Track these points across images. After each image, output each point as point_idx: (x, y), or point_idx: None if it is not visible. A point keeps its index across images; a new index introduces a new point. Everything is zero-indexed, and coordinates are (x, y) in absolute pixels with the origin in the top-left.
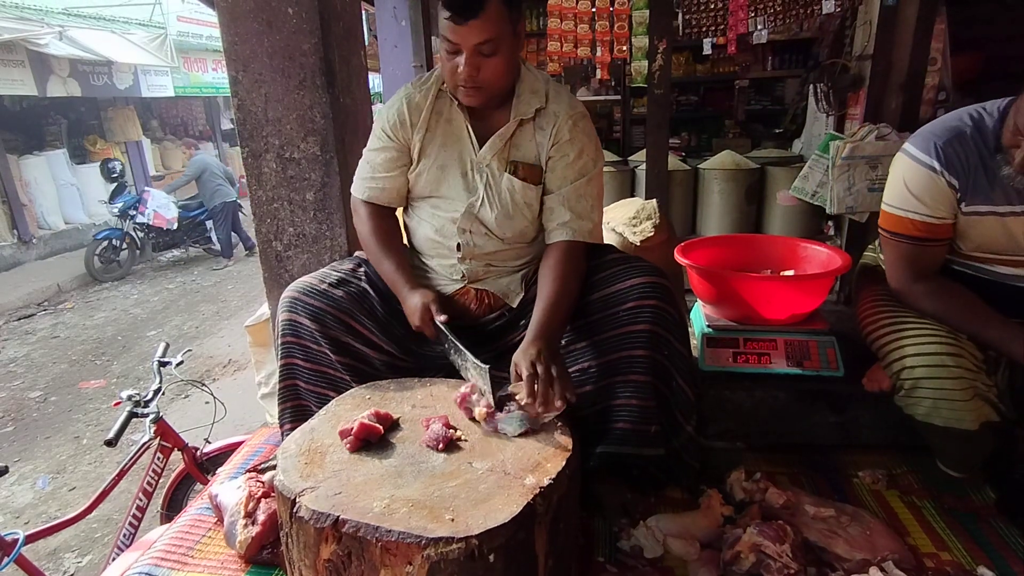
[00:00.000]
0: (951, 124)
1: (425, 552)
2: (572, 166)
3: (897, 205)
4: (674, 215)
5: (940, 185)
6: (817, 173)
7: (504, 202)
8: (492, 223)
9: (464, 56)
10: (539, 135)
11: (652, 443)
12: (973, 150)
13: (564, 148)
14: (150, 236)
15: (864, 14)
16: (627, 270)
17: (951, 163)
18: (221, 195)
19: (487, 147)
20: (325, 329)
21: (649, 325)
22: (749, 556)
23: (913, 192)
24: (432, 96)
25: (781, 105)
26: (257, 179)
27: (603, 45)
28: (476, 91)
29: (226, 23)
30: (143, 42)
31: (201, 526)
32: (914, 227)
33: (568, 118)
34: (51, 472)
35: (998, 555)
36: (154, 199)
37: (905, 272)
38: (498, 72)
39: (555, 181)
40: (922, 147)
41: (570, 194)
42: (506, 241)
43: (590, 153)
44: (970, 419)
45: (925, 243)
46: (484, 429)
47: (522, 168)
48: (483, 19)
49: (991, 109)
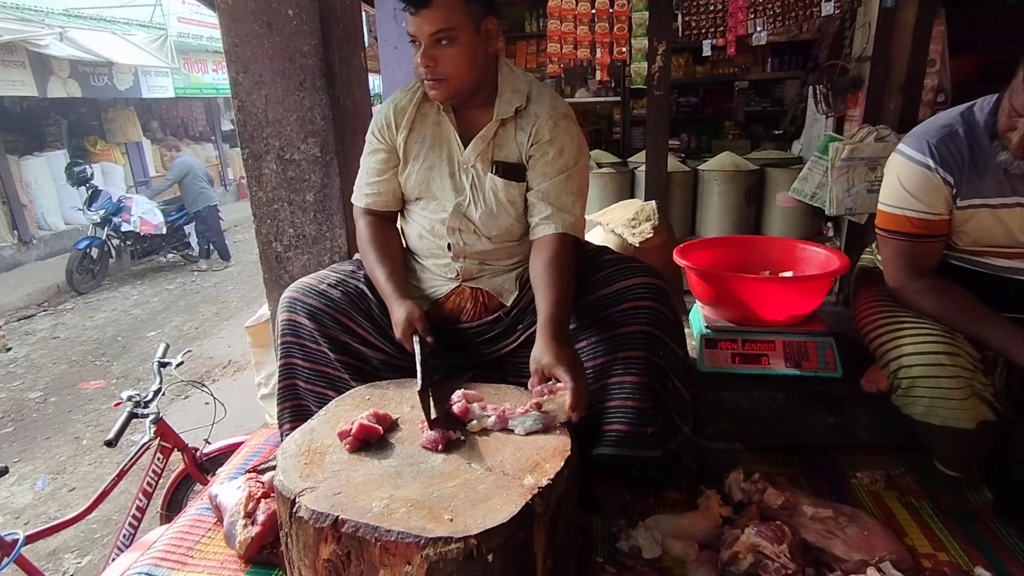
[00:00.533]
0: (943, 123)
1: (424, 552)
2: (552, 163)
3: (894, 204)
4: (674, 216)
5: (935, 182)
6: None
7: (488, 201)
8: (478, 222)
9: (421, 47)
10: (519, 135)
11: (649, 445)
12: (965, 146)
13: (544, 147)
14: (128, 244)
15: (863, 16)
16: (622, 271)
17: (945, 160)
18: (204, 199)
19: (471, 147)
20: (324, 328)
21: (645, 326)
22: (747, 556)
23: (909, 190)
24: (417, 98)
25: (780, 106)
26: (257, 180)
27: (603, 47)
28: (439, 83)
29: (227, 25)
30: (143, 43)
31: (201, 526)
32: (911, 224)
33: (548, 118)
34: (51, 473)
35: (995, 556)
36: (138, 205)
37: (902, 270)
38: (458, 64)
39: (535, 179)
40: (916, 146)
41: (550, 189)
42: (493, 240)
43: (571, 151)
44: (967, 418)
45: (922, 240)
46: (491, 425)
47: (505, 167)
48: (435, 8)
49: (982, 104)
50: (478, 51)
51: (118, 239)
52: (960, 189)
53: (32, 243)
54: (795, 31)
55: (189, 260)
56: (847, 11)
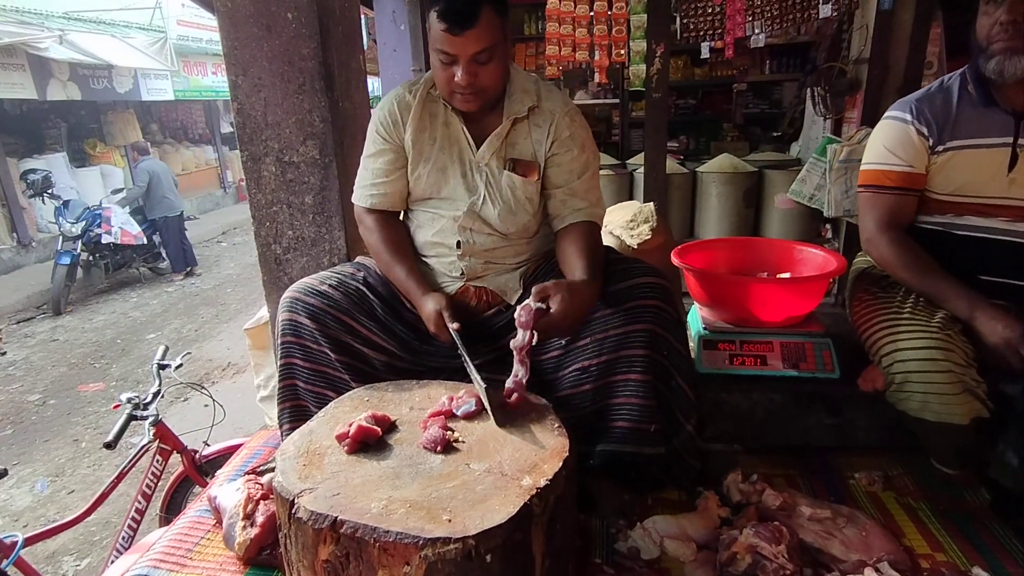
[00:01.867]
0: (922, 89)
1: (422, 552)
2: (577, 160)
3: (873, 160)
4: (672, 218)
5: (910, 134)
6: (814, 176)
7: (506, 198)
8: (495, 220)
9: (461, 65)
10: (535, 132)
11: (652, 442)
12: (941, 99)
13: (567, 144)
14: (102, 257)
15: (861, 18)
16: (627, 271)
17: (921, 113)
18: (165, 207)
19: (485, 147)
20: (325, 328)
21: (649, 324)
22: (745, 557)
23: (887, 145)
24: (422, 97)
25: (779, 108)
26: (256, 183)
27: (601, 49)
28: (473, 96)
29: (226, 28)
30: (143, 46)
31: (200, 528)
32: (887, 178)
33: (564, 115)
34: (50, 475)
35: (993, 556)
36: (116, 215)
37: (875, 222)
38: (494, 77)
39: (562, 176)
40: (896, 107)
41: (579, 187)
42: (509, 237)
43: (590, 147)
44: (960, 414)
45: (896, 192)
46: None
47: (520, 165)
48: (479, 29)
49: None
50: (506, 60)
51: (92, 253)
52: (940, 137)
53: (31, 246)
54: (793, 33)
55: (158, 273)
56: (845, 13)
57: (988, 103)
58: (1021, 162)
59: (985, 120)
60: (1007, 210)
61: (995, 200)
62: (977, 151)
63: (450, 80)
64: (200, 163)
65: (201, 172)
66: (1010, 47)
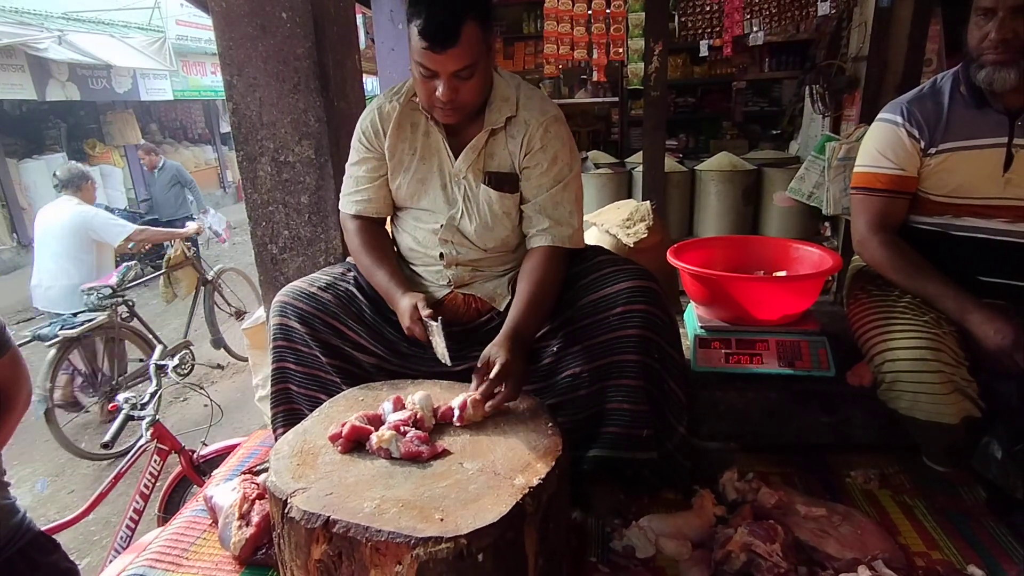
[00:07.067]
0: (914, 90)
1: (414, 552)
2: (547, 174)
3: (865, 163)
4: (671, 217)
5: (902, 137)
6: (813, 174)
7: (483, 213)
8: (472, 235)
9: (442, 80)
10: (511, 143)
11: (644, 447)
12: (933, 101)
13: (537, 156)
14: None
15: (859, 15)
16: (615, 274)
17: (912, 116)
18: (185, 209)
19: (461, 159)
20: (315, 332)
21: (639, 330)
22: (740, 555)
23: (879, 148)
24: (402, 106)
25: (778, 106)
26: (252, 183)
27: (600, 48)
28: (454, 111)
29: (220, 28)
30: (142, 46)
31: (196, 528)
32: (877, 180)
33: (539, 125)
34: (50, 475)
35: (988, 554)
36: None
37: (867, 224)
38: (476, 91)
39: (531, 190)
40: (888, 110)
41: (546, 202)
42: (488, 251)
43: (564, 158)
44: (950, 413)
45: (887, 195)
46: None
47: (497, 178)
48: (460, 47)
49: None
50: (489, 71)
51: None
52: (932, 139)
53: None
54: (792, 31)
55: None
56: (844, 11)
57: (981, 104)
58: (1016, 162)
59: (979, 121)
60: (1005, 211)
61: (992, 201)
62: (971, 152)
63: (431, 94)
64: (200, 163)
65: (201, 172)
66: (1000, 60)
